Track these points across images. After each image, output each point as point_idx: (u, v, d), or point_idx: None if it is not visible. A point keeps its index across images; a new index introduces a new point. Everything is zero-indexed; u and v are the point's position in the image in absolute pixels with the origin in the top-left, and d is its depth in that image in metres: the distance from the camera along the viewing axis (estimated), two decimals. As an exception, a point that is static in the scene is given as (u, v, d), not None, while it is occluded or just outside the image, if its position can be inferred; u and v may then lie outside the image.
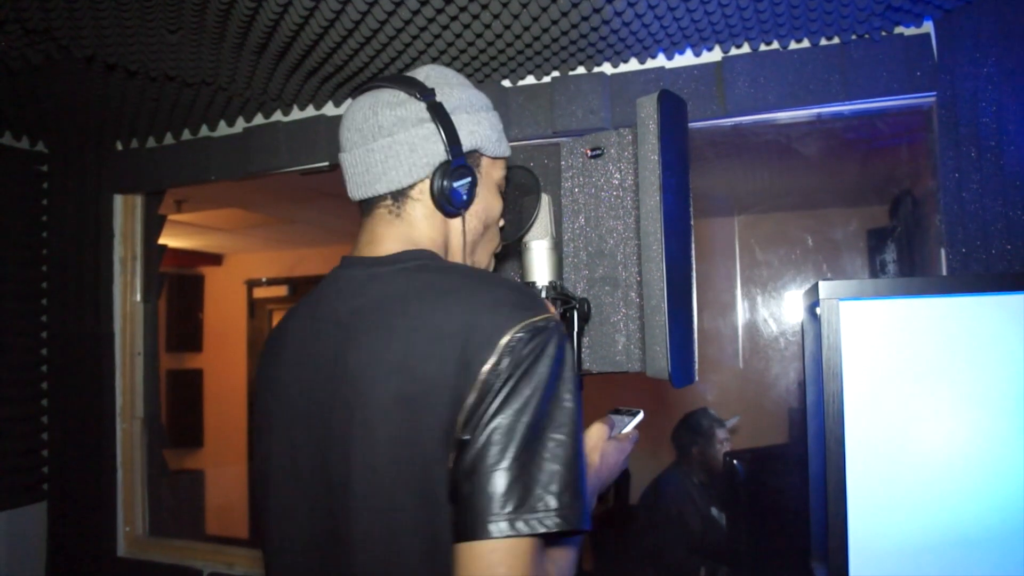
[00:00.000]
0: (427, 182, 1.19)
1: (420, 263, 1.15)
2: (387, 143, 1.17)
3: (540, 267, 1.58)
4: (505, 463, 0.95)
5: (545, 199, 1.56)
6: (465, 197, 1.20)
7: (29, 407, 2.98)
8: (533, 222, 1.55)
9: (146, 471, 3.09)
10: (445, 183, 1.17)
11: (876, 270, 3.20)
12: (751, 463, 3.27)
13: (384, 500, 1.03)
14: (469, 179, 1.20)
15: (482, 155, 1.26)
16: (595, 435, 1.34)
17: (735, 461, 3.26)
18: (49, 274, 3.04)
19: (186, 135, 2.90)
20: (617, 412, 1.48)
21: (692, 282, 1.60)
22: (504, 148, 1.29)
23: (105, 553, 2.97)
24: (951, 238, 1.86)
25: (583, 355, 1.73)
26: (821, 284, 1.51)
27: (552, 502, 0.95)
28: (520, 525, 0.93)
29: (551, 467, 0.96)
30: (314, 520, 1.12)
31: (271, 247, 6.89)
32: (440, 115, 1.18)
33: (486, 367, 0.98)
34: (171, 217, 3.54)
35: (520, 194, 1.58)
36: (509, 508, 0.93)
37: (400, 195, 1.20)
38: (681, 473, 3.50)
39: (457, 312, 1.03)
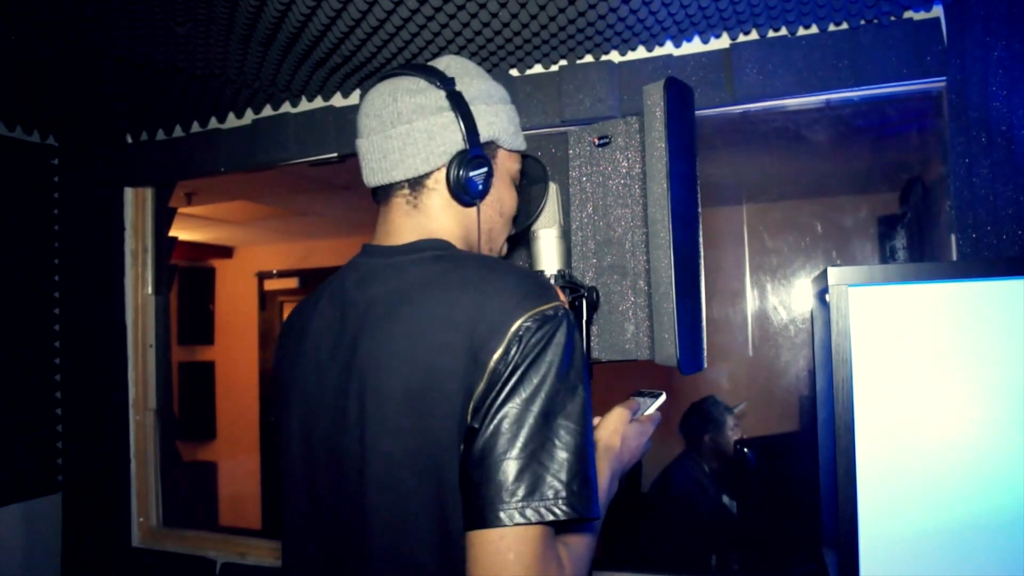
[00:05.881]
0: (443, 171, 1.20)
1: (435, 253, 1.16)
2: (406, 130, 1.18)
3: (548, 256, 1.59)
4: (514, 452, 0.96)
5: (553, 187, 1.56)
6: (481, 187, 1.20)
7: (43, 399, 3.00)
8: (541, 210, 1.55)
9: (159, 462, 3.11)
10: (462, 172, 1.18)
11: (886, 257, 3.18)
12: (761, 451, 3.27)
13: (398, 487, 1.04)
14: (485, 169, 1.21)
15: (499, 147, 1.26)
16: (616, 418, 1.34)
17: (745, 449, 3.26)
18: (61, 267, 3.06)
19: (195, 127, 2.90)
20: (640, 394, 1.49)
21: (700, 269, 1.60)
22: (520, 142, 1.30)
23: (120, 544, 3.00)
24: (961, 223, 1.85)
25: (592, 344, 1.73)
26: (830, 270, 1.51)
27: (561, 490, 0.95)
28: (529, 513, 0.94)
29: (560, 455, 0.97)
30: (328, 504, 1.13)
31: (281, 239, 6.90)
32: (459, 104, 1.18)
33: (495, 356, 0.99)
34: (181, 210, 3.56)
35: (528, 183, 1.58)
36: (519, 496, 0.94)
37: (417, 183, 1.21)
38: (691, 461, 3.50)
39: (466, 301, 1.04)
